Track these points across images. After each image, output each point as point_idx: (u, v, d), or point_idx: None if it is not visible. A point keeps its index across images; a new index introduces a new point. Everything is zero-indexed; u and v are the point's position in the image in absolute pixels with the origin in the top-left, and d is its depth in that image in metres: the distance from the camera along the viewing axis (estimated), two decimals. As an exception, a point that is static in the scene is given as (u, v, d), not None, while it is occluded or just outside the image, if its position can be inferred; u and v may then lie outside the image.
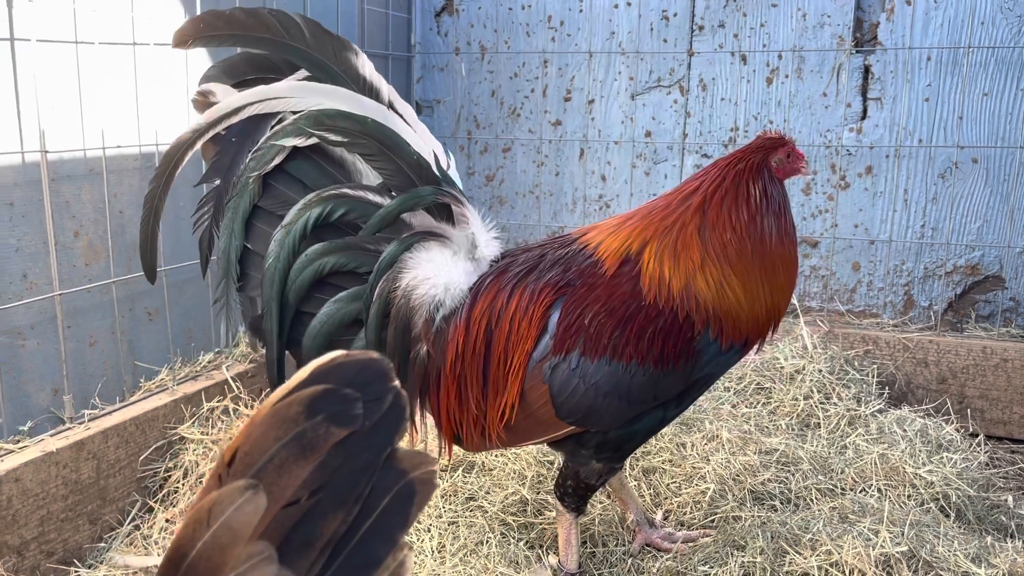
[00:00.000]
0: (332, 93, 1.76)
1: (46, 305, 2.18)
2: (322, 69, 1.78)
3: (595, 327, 1.69)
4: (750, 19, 3.29)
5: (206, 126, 1.75)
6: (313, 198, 1.75)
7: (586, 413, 1.72)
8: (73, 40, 2.19)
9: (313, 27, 1.78)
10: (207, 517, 0.58)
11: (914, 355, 3.05)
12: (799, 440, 2.62)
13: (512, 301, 1.74)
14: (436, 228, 1.80)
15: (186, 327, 2.67)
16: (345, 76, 1.79)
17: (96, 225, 2.33)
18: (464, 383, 1.77)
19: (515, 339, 1.73)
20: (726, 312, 1.71)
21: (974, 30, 3.03)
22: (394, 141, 1.76)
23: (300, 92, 1.76)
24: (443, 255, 1.79)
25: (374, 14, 3.45)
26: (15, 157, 2.09)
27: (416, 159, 1.77)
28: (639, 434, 1.80)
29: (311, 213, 1.74)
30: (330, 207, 1.75)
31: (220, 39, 1.79)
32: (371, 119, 1.75)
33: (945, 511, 2.27)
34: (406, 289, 1.75)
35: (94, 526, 2.17)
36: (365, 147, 1.76)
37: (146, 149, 2.43)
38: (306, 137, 1.75)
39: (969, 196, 3.13)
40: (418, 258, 1.76)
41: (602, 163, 3.57)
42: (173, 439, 2.39)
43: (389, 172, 1.77)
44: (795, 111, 3.28)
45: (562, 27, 3.53)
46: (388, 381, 0.63)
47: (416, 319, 1.77)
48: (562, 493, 1.90)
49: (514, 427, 1.77)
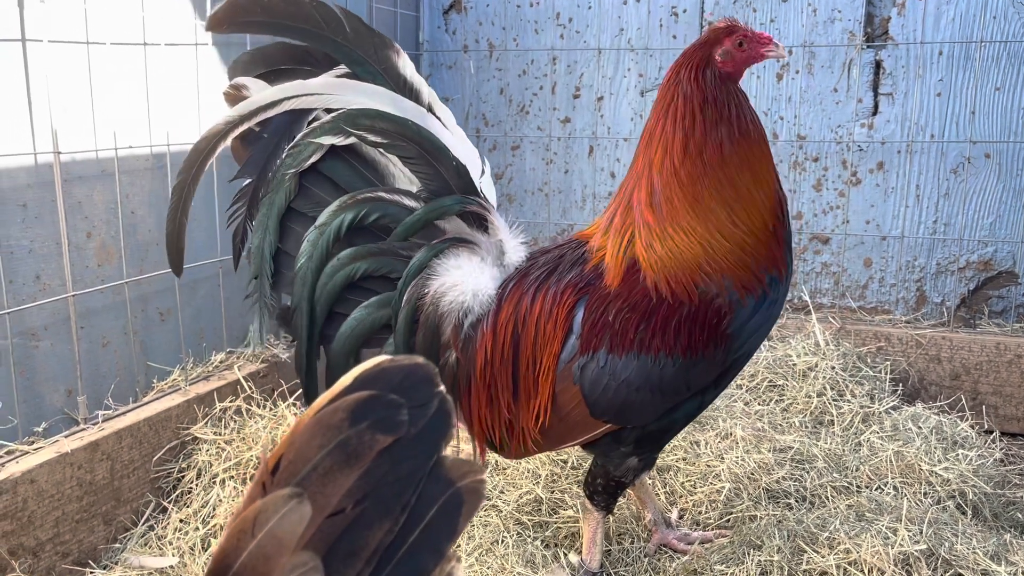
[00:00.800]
0: (371, 92, 1.72)
1: (59, 306, 2.18)
2: (361, 66, 1.74)
3: (620, 323, 1.67)
4: (760, 14, 3.27)
5: (239, 118, 1.71)
6: (348, 200, 1.73)
7: (620, 409, 1.70)
8: (85, 41, 2.19)
9: (355, 22, 1.74)
10: (251, 527, 0.57)
11: (927, 351, 3.04)
12: (813, 438, 2.61)
13: (536, 304, 1.72)
14: (467, 235, 1.78)
15: (198, 327, 2.66)
16: (385, 75, 1.75)
17: (108, 226, 2.32)
18: (495, 389, 1.75)
19: (542, 342, 1.71)
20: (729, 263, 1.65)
21: (986, 24, 3.01)
22: (435, 145, 1.74)
23: (338, 89, 1.72)
24: (471, 262, 1.77)
25: (382, 12, 3.43)
26: (28, 158, 2.08)
27: (455, 165, 1.76)
28: (678, 423, 1.78)
29: (346, 216, 1.73)
30: (365, 210, 1.73)
31: (256, 26, 1.73)
32: (411, 121, 1.73)
33: (962, 508, 2.26)
34: (434, 295, 1.74)
35: (108, 527, 2.17)
36: (405, 150, 1.74)
37: (157, 150, 2.42)
38: (344, 136, 1.72)
39: (982, 191, 3.12)
40: (447, 264, 1.75)
41: (612, 160, 3.56)
42: (186, 439, 2.39)
43: (428, 176, 1.76)
44: (806, 107, 3.27)
45: (571, 24, 3.51)
46: (434, 386, 0.62)
47: (445, 326, 1.75)
48: (592, 491, 1.89)
49: (549, 431, 1.75)
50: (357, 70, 1.74)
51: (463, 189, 1.76)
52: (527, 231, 3.71)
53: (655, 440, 1.80)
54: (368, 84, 1.73)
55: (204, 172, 1.76)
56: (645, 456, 1.83)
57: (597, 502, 1.89)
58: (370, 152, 1.78)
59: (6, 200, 2.05)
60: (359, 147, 1.76)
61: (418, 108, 1.76)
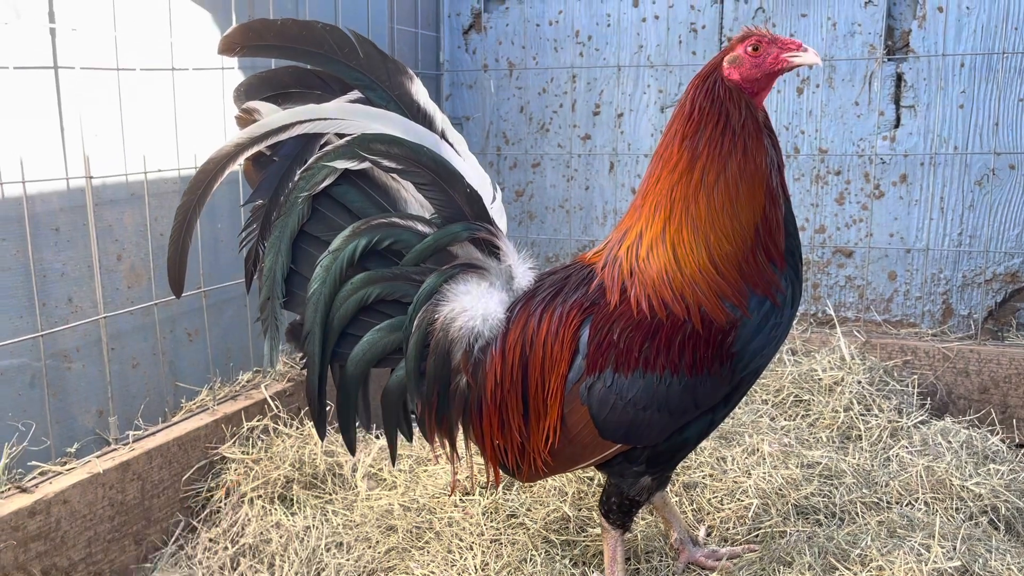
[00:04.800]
0: (384, 118, 1.72)
1: (91, 328, 2.21)
2: (374, 91, 1.74)
3: (624, 342, 1.66)
4: (779, 29, 3.28)
5: (249, 140, 1.70)
6: (362, 225, 1.74)
7: (628, 429, 1.70)
8: (115, 67, 2.23)
9: (368, 47, 1.74)
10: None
11: (955, 365, 3.01)
12: (841, 453, 2.59)
13: (543, 325, 1.72)
14: (477, 260, 1.79)
15: (225, 347, 2.69)
16: (399, 101, 1.75)
17: (138, 248, 2.36)
18: (506, 412, 1.75)
19: (549, 363, 1.71)
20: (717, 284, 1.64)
21: (1007, 36, 3.00)
22: (448, 172, 1.74)
23: (351, 114, 1.72)
24: (481, 287, 1.77)
25: (403, 33, 3.47)
26: (60, 183, 2.12)
27: (468, 192, 1.76)
28: (690, 441, 1.77)
29: (360, 241, 1.72)
30: (379, 236, 1.73)
31: (269, 50, 1.72)
32: (425, 147, 1.72)
33: (995, 524, 2.23)
34: (444, 321, 1.74)
35: (139, 546, 2.19)
36: (419, 176, 1.74)
37: (185, 172, 2.46)
38: (359, 160, 1.72)
39: (1007, 203, 3.09)
40: (456, 290, 1.75)
41: (632, 176, 3.57)
42: (214, 459, 2.41)
43: (441, 203, 1.75)
44: (827, 120, 3.26)
45: (590, 42, 3.53)
46: None
47: (455, 350, 1.75)
48: (607, 510, 1.89)
49: (559, 452, 1.75)
50: (370, 95, 1.74)
51: (475, 215, 1.76)
52: (548, 248, 3.74)
53: (667, 459, 1.79)
54: (381, 110, 1.73)
55: (211, 195, 1.75)
56: (658, 475, 1.82)
57: (613, 520, 1.88)
58: (382, 177, 1.77)
59: (40, 224, 2.09)
60: (371, 172, 1.76)
61: (431, 135, 1.75)
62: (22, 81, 2.03)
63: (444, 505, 2.35)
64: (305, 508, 2.32)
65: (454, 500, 2.37)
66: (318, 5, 2.95)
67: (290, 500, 2.36)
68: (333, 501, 2.37)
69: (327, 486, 2.42)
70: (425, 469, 2.56)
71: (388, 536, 2.23)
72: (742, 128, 1.64)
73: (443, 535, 2.22)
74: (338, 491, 2.42)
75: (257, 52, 1.73)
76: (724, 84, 1.66)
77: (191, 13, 2.45)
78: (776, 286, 1.67)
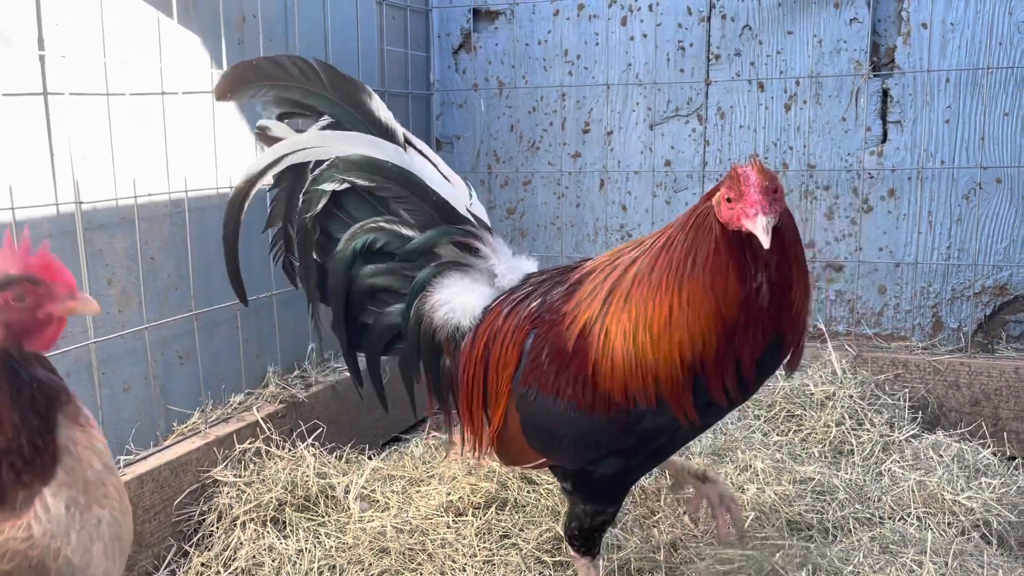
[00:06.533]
0: (353, 139, 1.97)
1: (81, 353, 2.21)
2: (342, 112, 1.98)
3: (548, 363, 1.73)
4: (766, 47, 3.31)
5: (256, 175, 2.02)
6: (357, 229, 2.00)
7: (545, 445, 1.79)
8: (105, 92, 2.24)
9: (330, 72, 1.98)
10: None
11: (945, 378, 3.02)
12: (833, 468, 2.59)
13: (505, 324, 1.84)
14: (460, 258, 1.99)
15: (217, 369, 2.69)
16: (363, 120, 1.98)
17: (128, 272, 2.36)
18: (472, 397, 1.91)
19: (502, 362, 1.82)
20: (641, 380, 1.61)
21: (992, 51, 3.03)
22: (415, 184, 1.97)
23: (322, 140, 1.98)
24: (462, 282, 1.96)
25: (393, 54, 3.49)
26: (50, 209, 2.13)
27: (435, 200, 1.97)
28: (602, 480, 1.75)
29: (356, 243, 2.00)
30: (372, 238, 1.99)
31: (254, 87, 2.00)
32: (392, 163, 1.95)
33: (987, 538, 2.23)
34: (431, 309, 1.96)
35: (131, 572, 2.18)
36: (390, 191, 1.98)
37: (176, 196, 2.47)
38: (339, 183, 1.98)
39: (994, 216, 3.12)
40: (441, 283, 1.97)
41: (622, 193, 3.59)
42: (207, 482, 2.40)
43: (414, 211, 1.99)
44: (815, 136, 3.29)
45: (579, 60, 3.56)
46: None
47: (439, 335, 1.96)
48: (569, 536, 1.89)
49: (507, 447, 1.87)
50: (340, 117, 1.99)
51: (449, 220, 1.97)
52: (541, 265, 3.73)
53: (588, 491, 1.79)
54: (348, 132, 1.98)
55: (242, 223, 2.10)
56: (589, 505, 1.81)
57: (577, 547, 1.88)
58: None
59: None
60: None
61: (395, 147, 1.98)
62: (11, 108, 2.03)
63: (437, 526, 2.34)
64: (298, 531, 2.31)
65: (447, 521, 2.36)
66: (308, 27, 2.97)
67: (283, 523, 2.35)
68: (326, 523, 2.36)
69: (320, 508, 2.41)
70: (418, 490, 2.55)
71: (381, 559, 2.22)
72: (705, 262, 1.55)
73: (436, 557, 2.22)
74: (331, 513, 2.41)
75: (246, 91, 2.03)
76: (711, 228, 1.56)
77: (180, 37, 2.47)
78: (688, 411, 1.61)
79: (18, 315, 1.22)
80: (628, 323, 1.62)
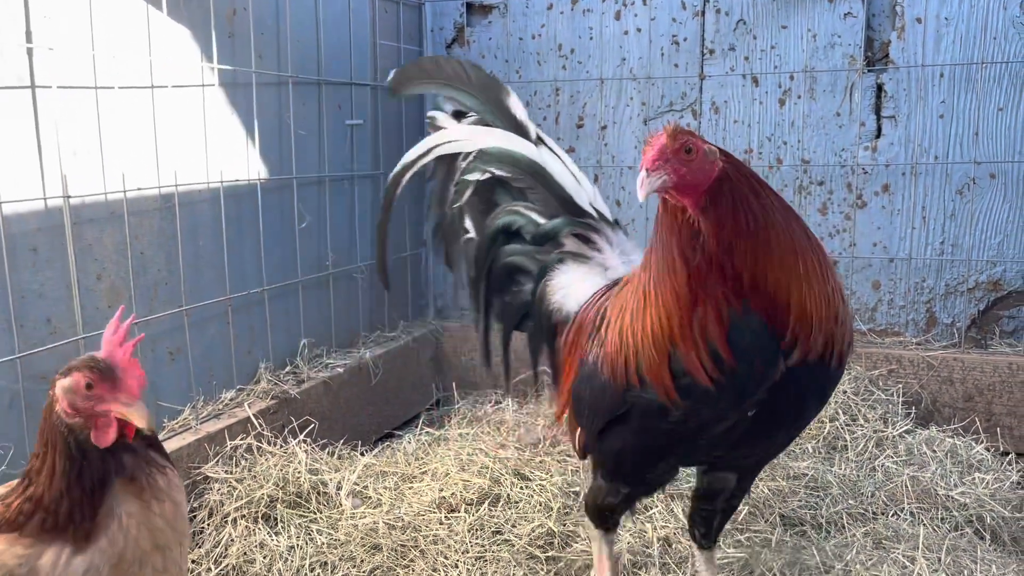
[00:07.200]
0: (492, 134, 2.19)
1: (70, 349, 2.19)
2: (485, 109, 2.22)
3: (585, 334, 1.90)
4: (760, 41, 3.30)
5: (409, 163, 2.28)
6: (500, 211, 2.20)
7: (576, 401, 1.90)
8: (93, 86, 2.22)
9: (477, 72, 2.25)
10: None
11: (939, 373, 3.02)
12: (827, 463, 2.59)
13: (588, 314, 1.95)
14: (579, 249, 2.13)
15: (207, 365, 2.67)
16: (502, 117, 2.19)
17: (118, 267, 2.34)
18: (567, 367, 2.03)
19: (576, 347, 1.95)
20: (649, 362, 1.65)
21: (986, 45, 3.02)
22: (545, 178, 2.14)
23: (467, 135, 2.23)
24: (577, 271, 2.11)
25: (386, 48, 3.47)
26: (38, 203, 2.11)
27: (561, 193, 2.13)
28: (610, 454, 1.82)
29: (498, 221, 2.19)
30: (510, 219, 2.18)
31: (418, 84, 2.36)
32: (526, 157, 2.14)
33: (980, 534, 2.23)
34: (550, 292, 2.12)
35: (121, 569, 2.16)
36: (523, 181, 2.16)
37: (166, 190, 2.45)
38: (482, 173, 2.19)
39: (988, 211, 3.11)
40: (561, 269, 2.13)
41: (616, 188, 3.58)
42: (197, 478, 2.39)
43: (542, 201, 2.15)
44: (809, 131, 3.28)
45: (573, 55, 3.54)
46: None
47: (554, 314, 2.12)
48: (585, 505, 1.97)
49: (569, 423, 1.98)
50: (484, 115, 2.22)
51: (572, 213, 2.12)
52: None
53: (609, 469, 1.86)
54: (489, 128, 2.21)
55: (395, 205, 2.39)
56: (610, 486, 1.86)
57: (589, 516, 1.96)
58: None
59: (17, 245, 2.07)
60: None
61: (529, 143, 2.16)
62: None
63: (430, 522, 2.33)
64: (289, 527, 2.30)
65: (439, 517, 2.35)
66: (300, 20, 2.95)
67: (274, 519, 2.33)
68: (317, 520, 2.35)
69: (311, 504, 2.40)
70: (410, 486, 2.54)
71: (373, 555, 2.21)
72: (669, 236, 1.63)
73: (428, 553, 2.21)
74: (322, 509, 2.40)
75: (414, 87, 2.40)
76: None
77: (170, 30, 2.45)
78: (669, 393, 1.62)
79: (82, 402, 1.30)
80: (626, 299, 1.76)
